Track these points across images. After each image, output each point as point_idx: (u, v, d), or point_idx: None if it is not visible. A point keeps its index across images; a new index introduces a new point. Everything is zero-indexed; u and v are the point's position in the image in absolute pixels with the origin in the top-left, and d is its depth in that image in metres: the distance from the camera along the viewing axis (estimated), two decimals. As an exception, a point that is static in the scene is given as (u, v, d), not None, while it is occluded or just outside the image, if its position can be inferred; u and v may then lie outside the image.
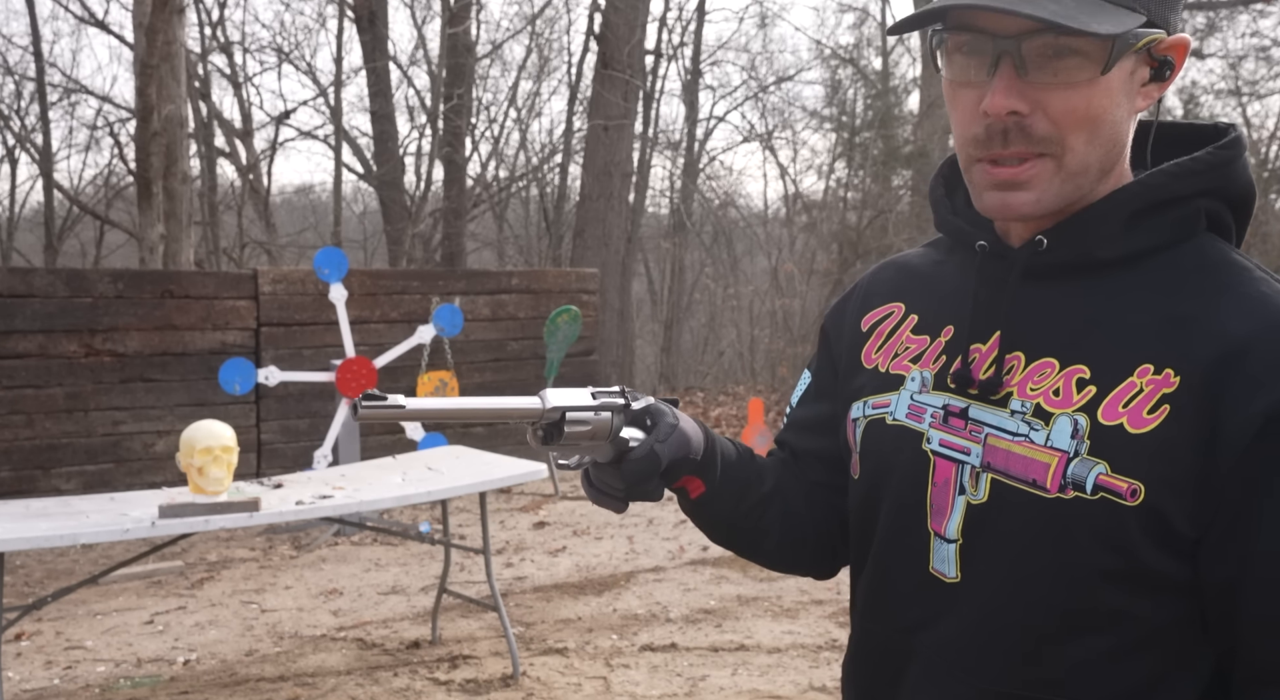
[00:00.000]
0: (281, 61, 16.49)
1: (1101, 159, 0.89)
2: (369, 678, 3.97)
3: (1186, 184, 0.89)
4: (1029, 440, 0.89)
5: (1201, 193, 0.89)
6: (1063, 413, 0.88)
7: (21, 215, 15.34)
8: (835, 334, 1.16)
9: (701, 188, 15.62)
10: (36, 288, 6.55)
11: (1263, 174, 11.30)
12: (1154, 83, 0.89)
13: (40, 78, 13.75)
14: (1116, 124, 0.88)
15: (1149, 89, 0.89)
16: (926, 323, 1.03)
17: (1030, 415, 0.90)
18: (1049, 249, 0.92)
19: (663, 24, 14.10)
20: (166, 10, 7.81)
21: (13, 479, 6.45)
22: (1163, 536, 0.84)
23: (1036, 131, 0.87)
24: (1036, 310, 0.93)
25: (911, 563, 0.98)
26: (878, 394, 1.04)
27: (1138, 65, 0.88)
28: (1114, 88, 0.86)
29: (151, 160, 8.11)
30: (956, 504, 0.94)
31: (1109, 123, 0.87)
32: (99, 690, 3.92)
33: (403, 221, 13.09)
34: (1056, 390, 0.89)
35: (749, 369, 13.87)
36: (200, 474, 3.37)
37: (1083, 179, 0.90)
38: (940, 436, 0.96)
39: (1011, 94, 0.86)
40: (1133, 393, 0.85)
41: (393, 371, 7.11)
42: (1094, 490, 0.85)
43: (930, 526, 0.96)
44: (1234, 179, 0.91)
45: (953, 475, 0.94)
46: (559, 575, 5.39)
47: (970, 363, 0.95)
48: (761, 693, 3.85)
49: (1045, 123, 0.87)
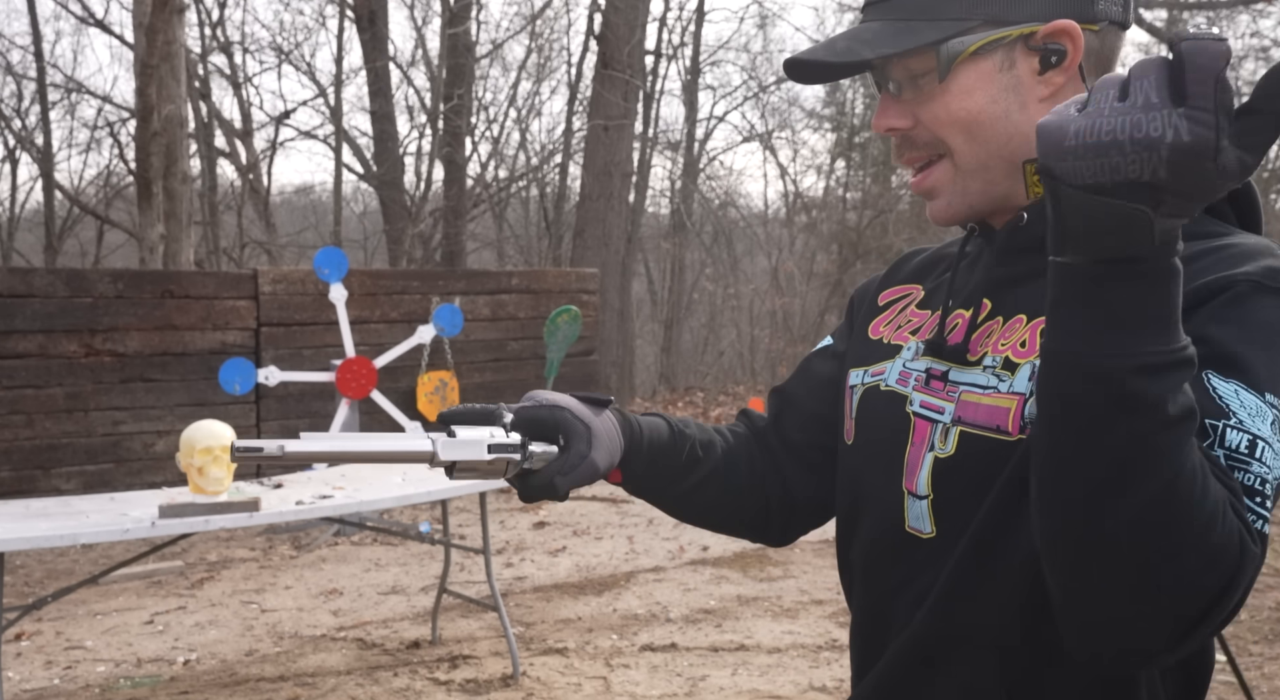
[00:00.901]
0: (281, 61, 16.51)
1: (995, 153, 0.95)
2: (369, 678, 3.97)
3: None
4: (996, 390, 0.93)
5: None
6: (1026, 361, 0.92)
7: (21, 215, 15.35)
8: (859, 305, 1.22)
9: (701, 188, 15.62)
10: (36, 288, 6.55)
11: (1263, 174, 11.30)
12: (1053, 69, 0.93)
13: (41, 78, 13.76)
14: (997, 118, 0.93)
15: (1049, 76, 0.93)
16: (929, 299, 1.10)
17: (1000, 368, 0.94)
18: (1028, 223, 0.96)
19: (663, 24, 14.12)
20: (166, 10, 7.81)
21: (13, 479, 6.45)
22: None
23: (920, 139, 0.98)
24: (1016, 278, 0.98)
25: (891, 523, 1.01)
26: (877, 363, 1.09)
27: (1012, 60, 0.93)
28: (973, 89, 0.93)
29: (151, 160, 8.11)
30: (925, 460, 0.97)
31: (987, 119, 0.94)
32: (99, 690, 3.92)
33: (403, 221, 13.09)
34: (1023, 342, 0.93)
35: (749, 369, 13.88)
36: (200, 474, 3.37)
37: (987, 173, 0.96)
38: (921, 398, 1.00)
39: (889, 114, 0.99)
40: None
41: (393, 371, 7.11)
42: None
43: (904, 486, 1.00)
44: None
45: (928, 434, 0.98)
46: (559, 575, 5.39)
47: (951, 329, 1.00)
48: (761, 693, 3.85)
49: (924, 131, 0.97)
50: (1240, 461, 0.77)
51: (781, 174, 17.59)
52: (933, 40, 0.93)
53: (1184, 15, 12.91)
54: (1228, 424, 0.77)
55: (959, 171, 0.97)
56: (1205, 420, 0.78)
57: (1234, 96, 0.69)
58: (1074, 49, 0.92)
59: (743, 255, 16.01)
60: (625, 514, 6.75)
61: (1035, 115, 0.93)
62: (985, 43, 0.92)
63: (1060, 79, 0.93)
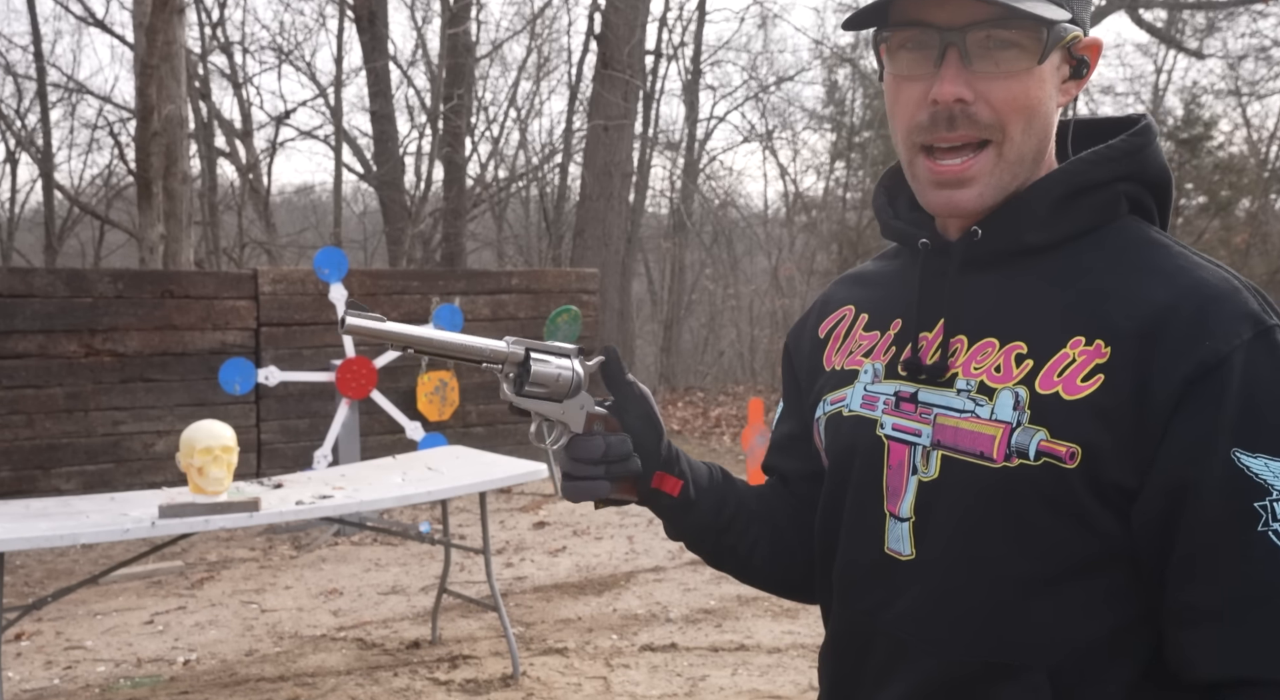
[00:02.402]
0: (281, 61, 16.45)
1: (1035, 148, 0.95)
2: (369, 678, 3.97)
3: (1104, 170, 0.94)
4: (975, 415, 0.94)
5: (1119, 177, 0.95)
6: (1004, 387, 0.93)
7: (21, 215, 15.35)
8: (796, 349, 1.21)
9: (701, 188, 15.62)
10: (36, 288, 6.55)
11: (1263, 174, 11.30)
12: (1072, 80, 0.95)
13: (41, 78, 13.75)
14: (1049, 115, 0.95)
15: (1068, 86, 0.96)
16: (876, 319, 1.09)
17: (975, 392, 0.94)
18: (984, 239, 0.97)
19: (663, 24, 14.11)
20: (166, 10, 7.81)
21: (13, 479, 6.45)
22: (1106, 496, 0.88)
23: (981, 118, 0.92)
24: (977, 296, 0.98)
25: (869, 545, 1.02)
26: (835, 390, 1.09)
27: (1061, 62, 0.94)
28: (1046, 79, 0.92)
29: (151, 160, 8.11)
30: (909, 484, 0.98)
31: (1043, 113, 0.94)
32: (99, 690, 3.92)
33: (403, 221, 13.09)
34: (998, 367, 0.94)
35: (749, 369, 13.88)
36: (200, 474, 3.37)
37: (1019, 168, 0.95)
38: (893, 421, 1.00)
39: (959, 82, 0.91)
40: (1066, 363, 0.90)
41: (393, 371, 7.11)
42: (1036, 456, 0.89)
43: (886, 508, 1.00)
44: (1148, 163, 0.96)
45: (906, 457, 0.98)
46: (559, 575, 5.39)
47: (919, 350, 1.00)
48: (761, 693, 3.85)
49: (988, 110, 0.92)
50: None
51: (781, 174, 17.59)
52: (1053, 19, 0.89)
53: (1184, 15, 12.91)
54: (1271, 500, 0.83)
55: (1002, 161, 0.94)
56: (1252, 504, 0.83)
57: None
58: (1093, 65, 0.95)
59: (743, 255, 16.01)
60: (625, 514, 6.75)
61: (1054, 117, 0.96)
62: (1072, 38, 0.93)
63: (1075, 91, 0.96)
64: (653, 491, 1.09)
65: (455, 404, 7.53)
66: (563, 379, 1.03)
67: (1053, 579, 0.91)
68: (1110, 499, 0.88)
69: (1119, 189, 0.95)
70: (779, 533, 1.17)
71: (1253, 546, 0.83)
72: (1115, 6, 12.51)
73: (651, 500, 1.10)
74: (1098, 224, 0.95)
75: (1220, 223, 10.56)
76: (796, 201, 15.41)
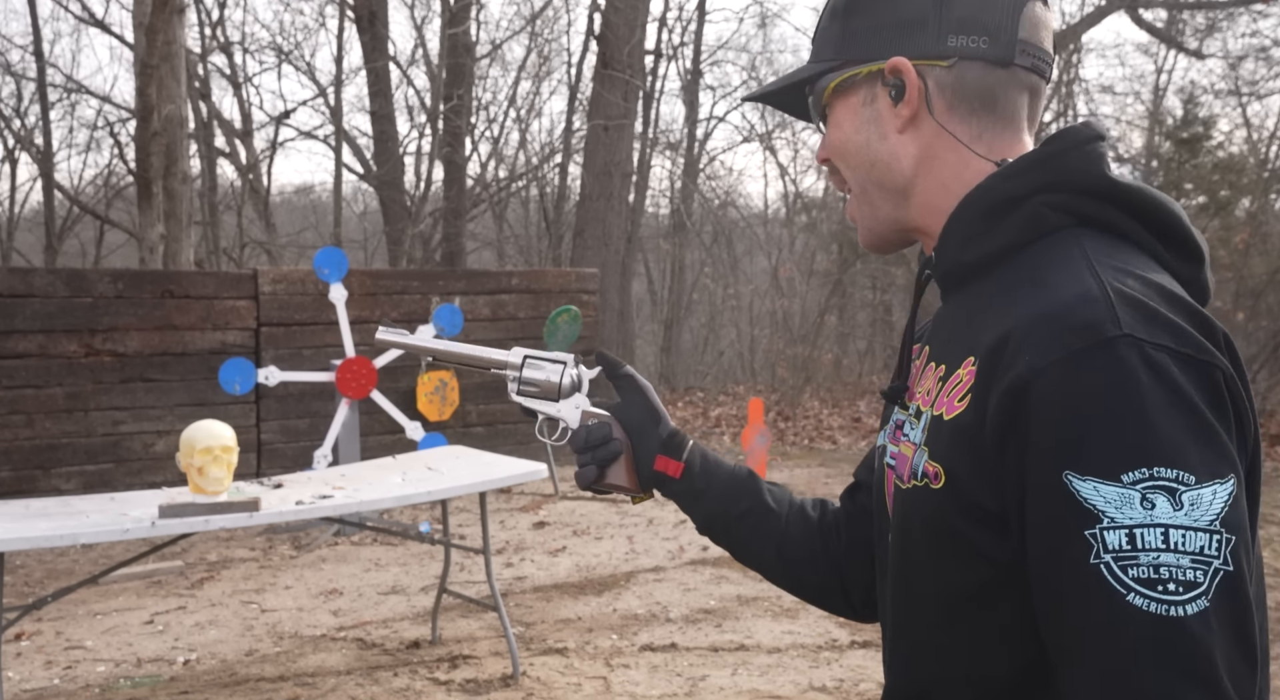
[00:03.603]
0: (281, 61, 16.49)
1: (871, 179, 1.00)
2: (369, 678, 3.97)
3: (1017, 183, 0.91)
4: (908, 439, 0.96)
5: (1036, 189, 0.91)
6: (926, 409, 0.94)
7: (21, 215, 15.36)
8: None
9: (701, 188, 15.62)
10: (36, 288, 6.55)
11: (1263, 174, 11.29)
12: (901, 103, 0.97)
13: (40, 78, 13.75)
14: (863, 147, 1.00)
15: (899, 110, 0.97)
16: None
17: (913, 416, 0.97)
18: (935, 261, 0.99)
19: (663, 24, 14.12)
20: (166, 10, 7.81)
21: (13, 479, 6.45)
22: (974, 517, 0.86)
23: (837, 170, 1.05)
24: (943, 318, 1.01)
25: (880, 571, 1.07)
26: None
27: (874, 96, 0.99)
28: (843, 121, 1.01)
29: (151, 160, 8.11)
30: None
31: (853, 148, 1.01)
32: (99, 690, 3.92)
33: (403, 221, 13.10)
34: (929, 389, 0.95)
35: (749, 369, 13.88)
36: (200, 474, 3.37)
37: (869, 199, 1.02)
38: (891, 449, 1.02)
39: (821, 147, 1.06)
40: (956, 383, 0.90)
41: (393, 372, 7.11)
42: (920, 476, 0.91)
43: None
44: (1069, 170, 0.90)
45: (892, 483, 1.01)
46: (559, 575, 5.39)
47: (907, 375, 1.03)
48: (761, 693, 3.85)
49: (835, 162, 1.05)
50: (1128, 558, 0.75)
51: (781, 174, 17.58)
52: (801, 79, 1.02)
53: (1184, 15, 12.91)
54: (1103, 527, 0.75)
55: (858, 199, 1.03)
56: (1083, 532, 0.76)
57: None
58: (909, 85, 0.95)
59: (743, 255, 16.01)
60: (625, 514, 6.75)
61: (896, 145, 0.98)
62: (841, 79, 1.00)
63: (906, 112, 0.96)
64: (655, 474, 1.19)
65: (455, 404, 7.53)
66: (551, 382, 1.20)
67: (953, 608, 0.89)
68: (980, 521, 0.85)
69: (1038, 201, 0.90)
70: (786, 537, 1.20)
71: (1085, 582, 0.76)
72: (1115, 6, 12.51)
73: (658, 484, 1.20)
74: (1028, 239, 0.91)
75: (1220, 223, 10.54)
76: (796, 201, 15.42)
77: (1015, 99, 0.96)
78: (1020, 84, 0.96)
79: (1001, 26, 0.94)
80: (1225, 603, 0.74)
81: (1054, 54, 0.99)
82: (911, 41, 0.96)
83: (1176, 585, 0.73)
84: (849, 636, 4.43)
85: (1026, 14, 0.94)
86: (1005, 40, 0.94)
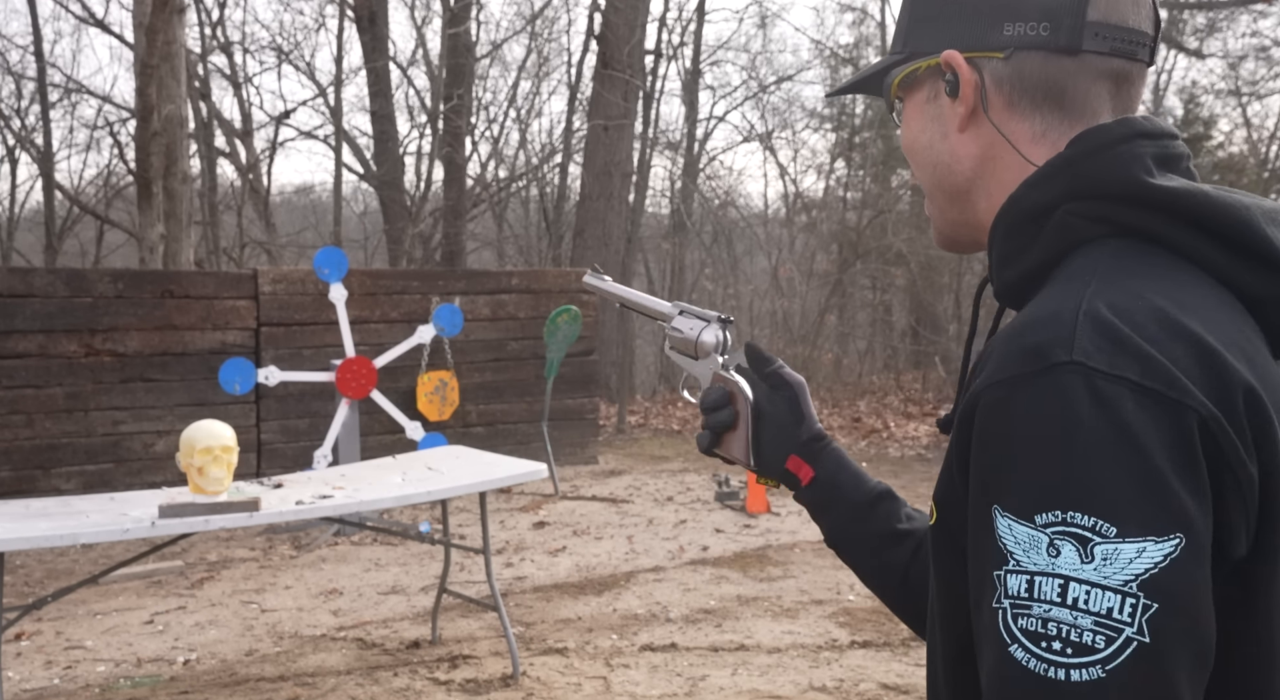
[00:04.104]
0: (281, 61, 16.49)
1: (931, 181, 0.95)
2: (369, 678, 3.97)
3: (1043, 190, 0.84)
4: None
5: (1063, 197, 0.83)
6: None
7: (21, 215, 15.35)
8: None
9: (701, 188, 15.62)
10: (36, 288, 6.55)
11: (1263, 174, 11.30)
12: (956, 99, 0.90)
13: (41, 78, 13.75)
14: (927, 147, 0.94)
15: (954, 106, 0.91)
16: None
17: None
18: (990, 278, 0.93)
19: (663, 24, 14.10)
20: (166, 10, 7.81)
21: (13, 479, 6.45)
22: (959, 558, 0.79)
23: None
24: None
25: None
26: None
27: (936, 91, 0.93)
28: (911, 119, 0.96)
29: (151, 160, 8.11)
30: None
31: (919, 148, 0.95)
32: (99, 690, 3.92)
33: (403, 221, 13.10)
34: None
35: (749, 369, 13.86)
36: (200, 474, 3.37)
37: (936, 201, 0.97)
38: None
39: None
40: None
41: (393, 371, 7.11)
42: (930, 514, 0.86)
43: None
44: (1096, 174, 0.82)
45: None
46: (559, 575, 5.39)
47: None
48: (761, 693, 3.85)
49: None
50: (1022, 606, 0.68)
51: (781, 174, 17.58)
52: (874, 73, 0.97)
53: (1184, 15, 12.90)
54: (1008, 569, 0.69)
55: (928, 201, 0.98)
56: (993, 573, 0.70)
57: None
58: (963, 79, 0.88)
59: (743, 255, 16.00)
60: (625, 514, 6.75)
61: (956, 144, 0.91)
62: (904, 74, 0.94)
63: (963, 109, 0.89)
64: (785, 472, 1.17)
65: (455, 404, 7.53)
66: (688, 338, 1.22)
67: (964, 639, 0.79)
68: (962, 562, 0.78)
69: (1066, 210, 0.83)
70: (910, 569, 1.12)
71: (987, 625, 0.70)
72: (1115, 6, 12.47)
73: (784, 480, 1.18)
74: (1062, 251, 0.84)
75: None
76: (796, 201, 15.41)
77: (1089, 89, 0.87)
78: (1094, 72, 0.86)
79: (1065, 9, 0.85)
80: (1130, 679, 0.64)
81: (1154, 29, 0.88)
82: (965, 32, 0.89)
83: (1064, 645, 0.65)
84: (849, 636, 4.43)
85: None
86: (1070, 25, 0.85)
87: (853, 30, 20.94)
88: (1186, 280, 0.77)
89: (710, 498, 7.17)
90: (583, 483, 7.77)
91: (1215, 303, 0.77)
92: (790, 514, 6.63)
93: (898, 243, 11.71)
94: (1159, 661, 0.64)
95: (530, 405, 8.17)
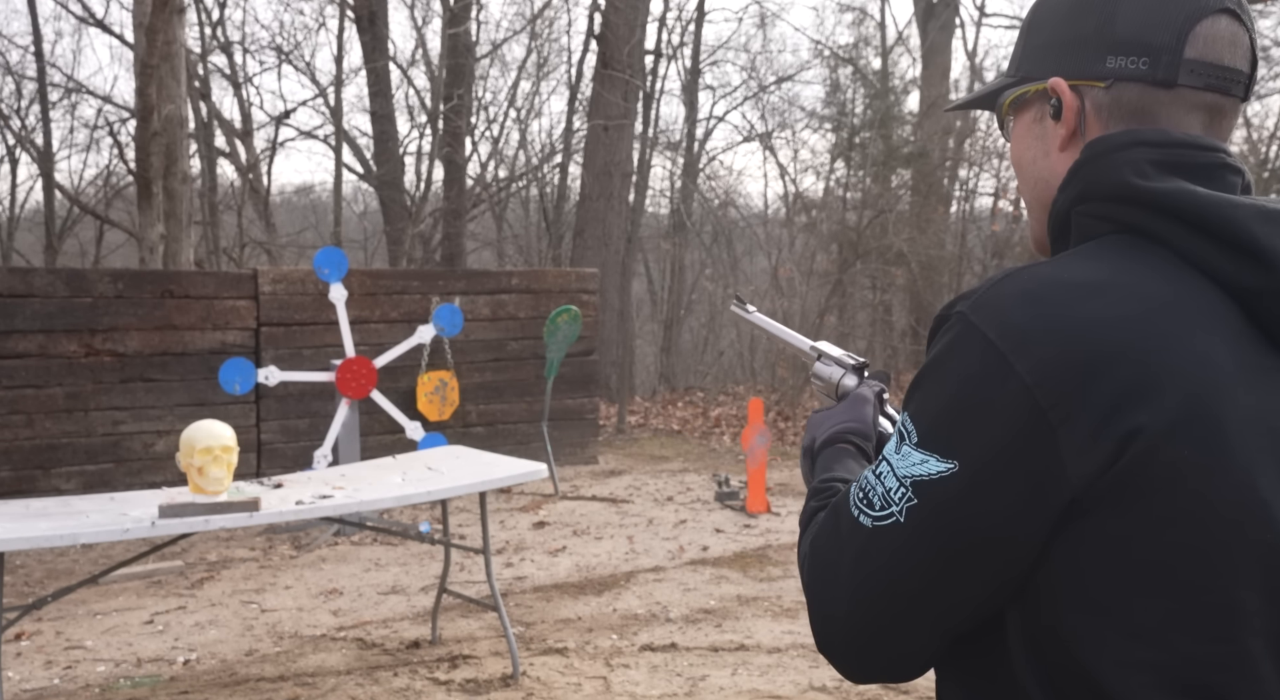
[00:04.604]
0: (281, 61, 16.48)
1: (1031, 195, 1.05)
2: (369, 678, 3.97)
3: (1065, 195, 0.97)
4: None
5: (1074, 201, 0.96)
6: None
7: (21, 215, 15.34)
8: None
9: (701, 188, 15.62)
10: (36, 288, 6.55)
11: (1263, 174, 11.30)
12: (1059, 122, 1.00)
13: (41, 78, 13.75)
14: (1030, 164, 1.04)
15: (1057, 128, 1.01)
16: None
17: None
18: None
19: (662, 24, 14.10)
20: (166, 10, 7.81)
21: (13, 479, 6.45)
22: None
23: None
24: None
25: None
26: None
27: (1043, 113, 1.02)
28: (1019, 136, 1.06)
29: (151, 160, 8.10)
30: None
31: (1025, 163, 1.05)
32: (99, 690, 3.92)
33: (403, 221, 13.10)
34: None
35: (749, 369, 13.87)
36: (200, 474, 3.37)
37: (1035, 213, 1.05)
38: None
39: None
40: None
41: (393, 371, 7.11)
42: None
43: None
44: (1094, 178, 0.94)
45: None
46: (559, 575, 5.39)
47: None
48: (761, 693, 3.85)
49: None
50: (873, 467, 0.93)
51: (781, 174, 17.56)
52: (989, 92, 1.08)
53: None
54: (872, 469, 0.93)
55: (1026, 209, 1.08)
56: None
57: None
58: (1065, 105, 0.98)
59: (743, 255, 16.00)
60: (625, 514, 6.75)
61: (1056, 163, 1.00)
62: (1015, 96, 1.05)
63: (1063, 131, 0.99)
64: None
65: (455, 404, 7.53)
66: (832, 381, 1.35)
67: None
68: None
69: (1075, 213, 0.96)
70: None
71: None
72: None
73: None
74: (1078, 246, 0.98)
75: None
76: (796, 201, 15.40)
77: (1181, 120, 0.95)
78: (1188, 104, 0.94)
79: (1165, 47, 0.93)
80: (884, 538, 0.88)
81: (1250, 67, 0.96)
82: (1072, 61, 0.98)
83: (867, 500, 0.91)
84: (849, 636, 4.43)
85: (1199, 32, 0.93)
86: (1168, 61, 0.93)
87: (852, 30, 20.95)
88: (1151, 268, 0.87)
89: (710, 498, 7.17)
90: (583, 483, 7.77)
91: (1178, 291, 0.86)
92: (790, 514, 6.63)
93: (898, 243, 11.71)
94: (905, 539, 0.87)
95: (530, 405, 8.17)
